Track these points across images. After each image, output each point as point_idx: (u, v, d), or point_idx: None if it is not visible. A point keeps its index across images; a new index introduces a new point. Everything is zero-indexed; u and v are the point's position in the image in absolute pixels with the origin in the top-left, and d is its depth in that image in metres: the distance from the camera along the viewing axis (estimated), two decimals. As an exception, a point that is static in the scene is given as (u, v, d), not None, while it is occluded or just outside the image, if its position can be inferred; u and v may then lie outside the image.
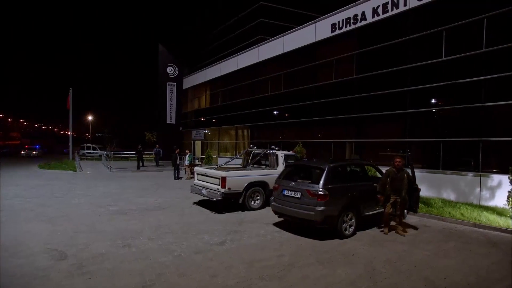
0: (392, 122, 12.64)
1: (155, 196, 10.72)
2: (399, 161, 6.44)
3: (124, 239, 5.92)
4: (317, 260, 5.07)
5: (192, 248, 5.52)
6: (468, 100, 10.01)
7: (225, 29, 27.60)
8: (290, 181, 6.65)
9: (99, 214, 8.00)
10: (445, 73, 10.51)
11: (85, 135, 75.16)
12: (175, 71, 29.09)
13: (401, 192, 6.42)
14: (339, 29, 14.27)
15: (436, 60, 10.73)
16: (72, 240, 5.82)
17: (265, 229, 6.90)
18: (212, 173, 8.63)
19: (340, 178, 6.53)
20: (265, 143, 18.22)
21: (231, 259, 5.03)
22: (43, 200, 9.59)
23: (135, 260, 4.88)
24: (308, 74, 16.26)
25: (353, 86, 13.73)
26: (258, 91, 19.78)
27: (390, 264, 4.97)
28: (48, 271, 4.40)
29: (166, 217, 7.84)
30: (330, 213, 6.03)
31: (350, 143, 14.22)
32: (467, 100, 10.03)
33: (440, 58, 10.57)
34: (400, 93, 11.87)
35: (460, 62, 10.17)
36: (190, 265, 4.77)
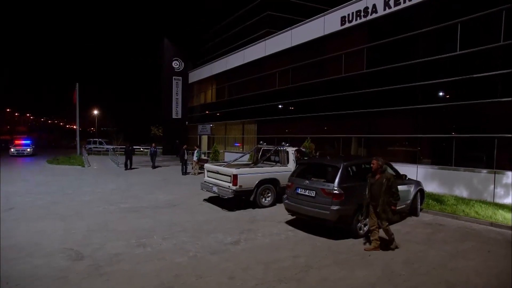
0: (403, 117, 12.44)
1: (165, 193, 10.73)
2: (375, 163, 5.56)
3: (138, 238, 5.91)
4: (334, 261, 5.01)
5: (207, 248, 5.50)
6: (483, 95, 9.78)
7: (231, 22, 27.30)
8: (304, 179, 6.57)
9: (110, 211, 8.01)
10: (459, 67, 10.25)
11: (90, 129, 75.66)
12: (181, 65, 28.93)
13: (377, 200, 5.41)
14: (349, 22, 13.98)
15: (451, 54, 10.47)
16: (87, 239, 5.83)
17: (278, 228, 6.86)
18: (223, 170, 8.57)
19: (355, 176, 6.43)
20: (272, 138, 18.16)
21: (247, 260, 5.00)
22: (54, 197, 9.64)
23: (151, 261, 4.87)
24: (316, 68, 16.04)
25: (363, 81, 13.50)
26: (265, 85, 19.60)
27: (408, 265, 4.89)
28: (66, 272, 4.40)
29: (178, 215, 7.83)
30: (345, 212, 5.95)
31: (359, 138, 14.06)
32: (482, 95, 9.79)
33: (455, 52, 10.30)
34: (411, 88, 11.64)
35: (476, 56, 9.90)
36: (207, 266, 4.75)
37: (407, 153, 12.38)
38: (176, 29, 29.62)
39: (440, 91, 10.93)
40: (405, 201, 7.53)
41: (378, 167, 5.49)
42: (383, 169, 5.46)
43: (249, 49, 21.00)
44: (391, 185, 5.33)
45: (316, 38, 15.75)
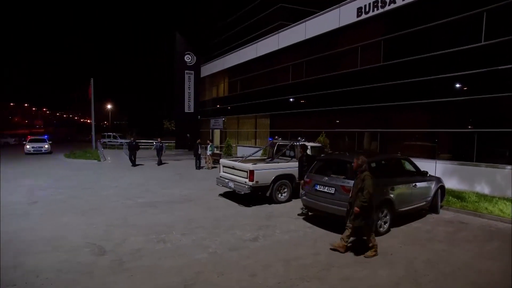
0: (421, 111, 12.09)
1: (180, 188, 10.83)
2: (355, 161, 5.19)
3: (157, 234, 5.98)
4: (355, 260, 4.95)
5: (226, 244, 5.51)
6: (508, 88, 9.38)
7: (243, 15, 27.01)
8: (322, 175, 6.49)
9: (128, 206, 8.14)
10: (484, 59, 9.85)
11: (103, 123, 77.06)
12: (193, 59, 28.94)
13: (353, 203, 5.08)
14: (365, 14, 13.59)
15: (474, 45, 10.05)
16: (108, 234, 5.94)
17: (296, 224, 6.82)
18: (239, 166, 8.56)
19: (376, 172, 6.27)
20: (285, 132, 18.05)
21: (267, 257, 4.99)
22: (73, 191, 9.86)
23: (172, 257, 4.92)
24: (331, 61, 15.73)
25: (379, 74, 13.17)
26: (278, 79, 19.40)
27: (432, 265, 4.78)
28: (91, 267, 4.49)
29: (194, 210, 7.89)
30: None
31: (375, 133, 13.79)
32: (507, 88, 9.39)
33: (479, 42, 9.89)
34: (430, 81, 11.27)
35: (502, 47, 9.47)
36: (227, 263, 4.76)
37: (424, 148, 12.08)
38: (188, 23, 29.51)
39: (461, 84, 10.54)
40: (426, 198, 7.37)
41: (358, 166, 5.14)
42: (363, 169, 5.08)
43: (262, 42, 20.77)
44: (364, 186, 4.90)
45: (331, 30, 15.41)
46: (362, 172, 5.09)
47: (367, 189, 4.88)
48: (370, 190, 4.87)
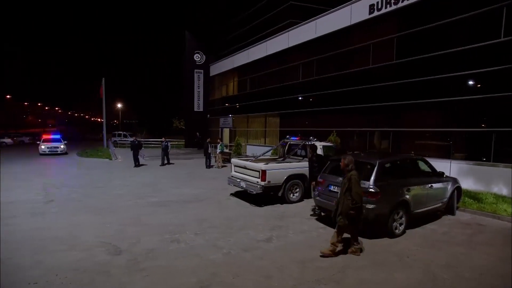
0: (435, 110, 11.84)
1: (191, 187, 10.86)
2: (342, 161, 5.10)
3: (171, 233, 6.00)
4: (372, 262, 4.87)
5: (240, 245, 5.50)
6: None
7: (252, 14, 26.88)
8: (336, 176, 6.40)
9: (141, 205, 8.20)
10: (503, 55, 9.56)
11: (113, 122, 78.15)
12: (202, 58, 29.01)
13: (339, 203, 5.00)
14: (377, 11, 13.37)
15: (492, 42, 9.77)
16: (122, 233, 5.98)
17: (309, 225, 6.76)
18: (251, 165, 8.53)
19: (391, 174, 6.19)
20: (295, 131, 17.92)
21: (282, 258, 4.95)
22: (87, 190, 10.00)
23: (186, 257, 4.92)
24: (342, 59, 15.54)
25: (392, 72, 12.95)
26: (288, 77, 19.28)
27: (451, 269, 4.67)
28: (107, 267, 4.53)
29: (206, 210, 7.90)
30: (381, 211, 5.76)
31: (387, 132, 13.57)
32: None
33: (498, 39, 9.61)
34: (446, 79, 11.02)
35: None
36: (241, 264, 4.74)
37: (438, 147, 11.84)
38: (197, 22, 29.51)
39: (477, 82, 10.28)
40: (442, 199, 7.22)
41: (345, 166, 5.04)
42: (349, 169, 4.96)
43: (272, 40, 20.66)
44: (351, 186, 4.78)
45: (342, 28, 15.21)
46: (348, 171, 4.98)
47: (355, 189, 4.77)
48: (358, 191, 4.78)
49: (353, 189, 4.79)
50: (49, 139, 22.58)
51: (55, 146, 21.76)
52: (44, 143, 21.77)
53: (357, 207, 4.84)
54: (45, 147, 21.39)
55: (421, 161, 7.20)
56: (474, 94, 10.37)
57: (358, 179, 4.91)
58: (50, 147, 21.55)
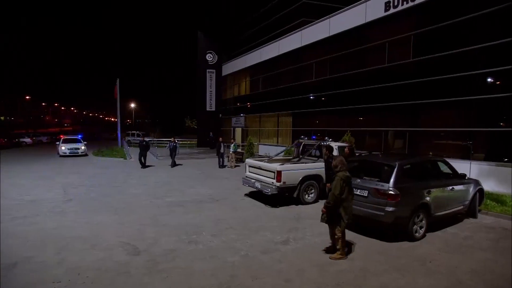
0: (454, 109, 11.52)
1: (206, 187, 10.91)
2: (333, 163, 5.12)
3: (188, 234, 6.03)
4: (392, 267, 4.76)
5: (257, 247, 5.47)
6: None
7: (265, 13, 26.82)
8: (354, 178, 6.27)
9: (158, 205, 8.28)
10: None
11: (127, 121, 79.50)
12: (214, 58, 29.12)
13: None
14: (394, 8, 13.09)
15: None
16: (140, 233, 6.05)
17: (326, 227, 6.55)
18: (266, 166, 8.50)
19: (411, 176, 6.03)
20: (308, 131, 17.78)
21: (300, 261, 4.90)
22: (104, 190, 10.18)
23: (204, 259, 4.93)
24: (356, 58, 15.31)
25: (409, 71, 12.67)
26: (301, 77, 19.15)
27: (477, 276, 4.51)
28: (127, 267, 4.58)
29: (222, 210, 7.91)
30: (401, 214, 5.63)
31: (403, 132, 13.29)
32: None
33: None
34: (465, 77, 10.71)
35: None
36: (260, 266, 4.71)
37: (457, 147, 11.52)
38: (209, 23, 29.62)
39: (498, 80, 9.94)
40: (463, 202, 7.01)
41: (334, 167, 5.01)
42: (338, 170, 4.92)
43: (284, 39, 20.55)
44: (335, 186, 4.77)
45: (357, 26, 14.99)
46: (337, 172, 4.93)
47: (333, 190, 4.78)
48: (335, 192, 4.73)
49: (332, 189, 4.79)
50: (69, 139, 21.59)
51: (75, 147, 20.63)
52: (64, 144, 20.64)
53: (328, 207, 4.83)
54: (65, 148, 20.26)
55: (442, 162, 7.01)
56: (494, 92, 10.03)
57: (343, 181, 4.78)
58: (71, 148, 20.43)
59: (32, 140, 33.05)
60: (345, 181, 4.77)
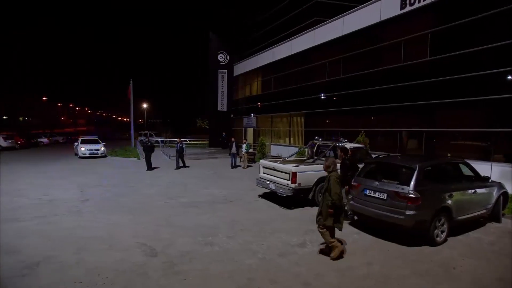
0: (473, 109, 11.16)
1: (219, 188, 10.91)
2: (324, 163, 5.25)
3: (204, 236, 6.01)
4: (414, 272, 4.62)
5: (274, 249, 5.41)
6: None
7: (277, 13, 26.71)
8: (373, 180, 6.17)
9: (172, 206, 8.33)
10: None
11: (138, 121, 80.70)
12: (226, 58, 29.14)
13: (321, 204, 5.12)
14: (410, 5, 12.80)
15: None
16: (156, 234, 6.07)
17: (343, 230, 6.55)
18: (280, 167, 8.42)
19: (432, 178, 5.86)
20: (321, 131, 17.61)
21: (318, 265, 4.82)
22: (119, 190, 10.31)
23: (221, 261, 4.90)
24: (370, 57, 15.05)
25: (426, 70, 12.36)
26: (313, 76, 18.97)
27: (506, 284, 4.32)
28: (145, 268, 4.59)
29: (236, 211, 7.89)
30: (422, 217, 5.47)
31: (419, 132, 12.98)
32: None
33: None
34: (485, 76, 10.35)
35: None
36: (278, 269, 4.65)
37: (477, 148, 11.17)
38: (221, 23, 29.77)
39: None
40: (486, 205, 6.77)
41: (326, 167, 5.16)
42: (331, 170, 5.06)
43: (297, 39, 20.40)
44: (330, 187, 4.87)
45: (371, 25, 14.72)
46: (329, 173, 5.07)
47: (333, 190, 4.86)
48: (337, 191, 4.84)
49: (332, 190, 4.86)
50: (88, 140, 20.87)
51: (95, 148, 19.88)
52: (84, 145, 19.84)
53: (336, 206, 4.87)
54: (85, 149, 19.48)
55: (463, 164, 6.78)
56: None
57: (338, 180, 4.95)
58: (91, 149, 19.66)
59: (49, 140, 33.86)
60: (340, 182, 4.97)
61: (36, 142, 30.79)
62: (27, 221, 6.72)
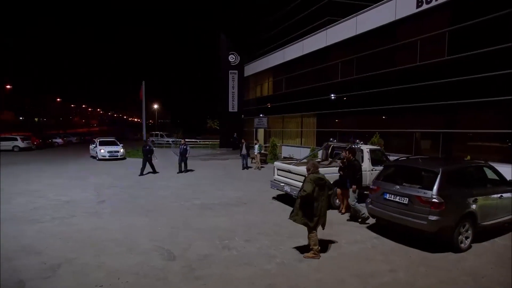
0: (494, 110, 10.81)
1: (232, 189, 10.88)
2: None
3: (220, 239, 5.97)
4: (441, 281, 4.46)
5: (292, 254, 5.33)
6: None
7: (288, 13, 26.55)
8: (393, 183, 6.01)
9: (187, 208, 8.33)
10: None
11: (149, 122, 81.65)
12: (237, 59, 29.21)
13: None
14: (426, 4, 12.49)
15: None
16: (173, 237, 6.05)
17: (361, 234, 6.44)
18: (296, 170, 8.32)
19: (456, 182, 5.67)
20: (333, 132, 17.41)
21: (339, 271, 4.71)
22: (134, 191, 10.38)
23: (240, 266, 4.84)
24: (385, 57, 14.76)
25: (443, 69, 12.05)
26: (326, 77, 18.76)
27: (538, 294, 4.13)
28: (164, 273, 4.57)
29: (251, 214, 7.82)
30: (446, 223, 5.29)
31: (436, 133, 12.66)
32: None
33: None
34: (506, 75, 10.00)
35: None
36: (298, 275, 4.57)
37: (498, 150, 10.81)
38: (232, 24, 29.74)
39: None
40: (511, 211, 6.50)
41: (307, 170, 5.44)
42: (310, 172, 5.28)
43: (308, 39, 20.23)
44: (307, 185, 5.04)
45: (386, 24, 14.44)
46: (309, 175, 5.26)
47: (304, 187, 5.06)
48: (306, 189, 4.99)
49: (303, 187, 5.08)
50: (106, 141, 20.17)
51: (115, 150, 19.17)
52: (103, 146, 19.11)
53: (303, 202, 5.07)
54: (104, 151, 18.79)
55: (487, 167, 6.55)
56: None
57: (313, 182, 5.04)
58: (111, 152, 18.95)
59: (63, 141, 34.54)
60: (315, 182, 5.05)
61: (51, 142, 31.46)
62: (46, 222, 6.82)
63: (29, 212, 7.61)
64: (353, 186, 7.22)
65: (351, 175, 7.44)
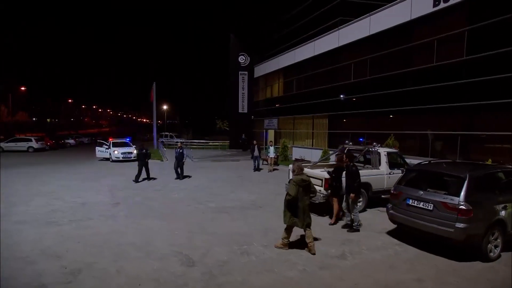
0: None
1: (246, 192, 10.78)
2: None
3: (239, 244, 5.87)
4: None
5: (313, 260, 5.20)
6: None
7: (300, 12, 26.29)
8: (416, 189, 5.82)
9: (202, 211, 8.25)
10: None
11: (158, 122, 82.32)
12: (247, 60, 29.15)
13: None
14: (444, 2, 12.17)
15: None
16: (191, 242, 5.98)
17: (382, 240, 6.25)
18: (312, 173, 8.16)
19: (484, 188, 5.44)
20: (345, 134, 17.17)
21: (364, 280, 4.56)
22: (147, 193, 10.38)
23: (261, 273, 4.74)
24: (400, 57, 14.47)
25: (462, 70, 11.72)
26: (338, 78, 18.52)
27: None
28: (185, 279, 4.49)
29: (267, 218, 7.70)
30: (474, 231, 5.08)
31: (454, 136, 12.32)
32: None
33: None
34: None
35: None
36: (321, 284, 4.44)
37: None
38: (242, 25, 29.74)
39: None
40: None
41: (292, 171, 5.83)
42: (295, 174, 5.57)
43: (320, 40, 20.01)
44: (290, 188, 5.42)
45: (401, 24, 14.14)
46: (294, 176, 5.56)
47: (289, 190, 5.40)
48: (290, 193, 5.33)
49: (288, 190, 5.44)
50: (119, 143, 20.28)
51: (128, 151, 19.16)
52: (117, 148, 19.20)
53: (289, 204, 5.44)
54: (118, 153, 18.87)
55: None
56: None
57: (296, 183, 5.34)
58: (125, 153, 19.00)
59: (75, 142, 35.04)
60: (299, 184, 5.33)
61: (64, 143, 31.95)
62: (64, 225, 6.84)
63: (47, 214, 7.66)
64: (351, 195, 6.66)
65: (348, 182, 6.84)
